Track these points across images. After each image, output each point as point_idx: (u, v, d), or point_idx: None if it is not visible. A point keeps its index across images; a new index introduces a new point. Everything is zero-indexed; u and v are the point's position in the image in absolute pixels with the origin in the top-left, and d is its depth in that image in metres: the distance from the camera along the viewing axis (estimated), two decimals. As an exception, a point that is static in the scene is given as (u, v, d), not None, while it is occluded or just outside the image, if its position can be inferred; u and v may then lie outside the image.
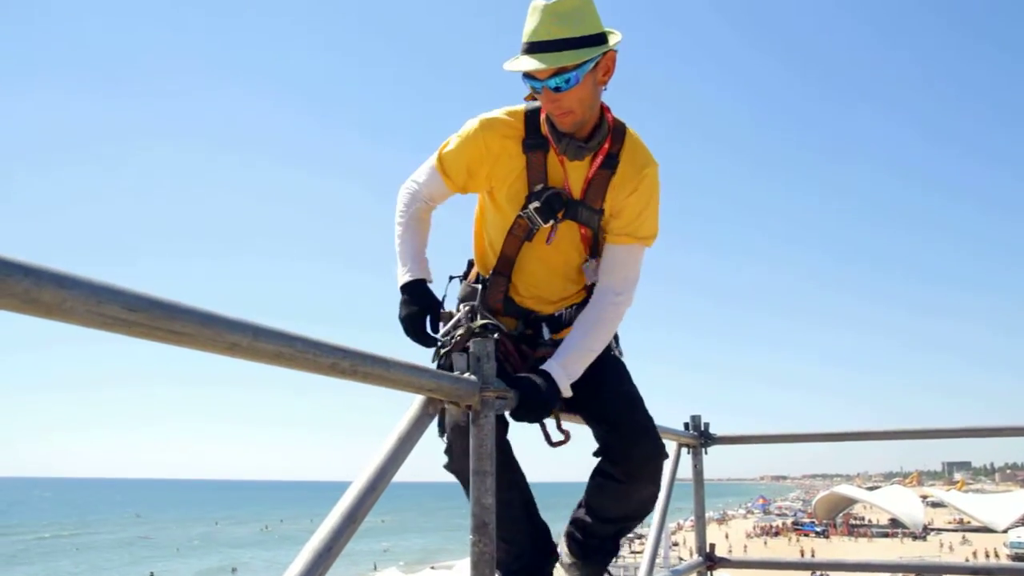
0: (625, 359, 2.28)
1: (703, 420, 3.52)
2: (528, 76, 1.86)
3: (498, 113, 2.03)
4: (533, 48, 1.82)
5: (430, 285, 2.09)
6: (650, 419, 2.09)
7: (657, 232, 2.12)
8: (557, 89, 1.84)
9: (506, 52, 1.95)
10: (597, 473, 2.13)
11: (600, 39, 1.84)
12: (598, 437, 2.10)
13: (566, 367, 1.97)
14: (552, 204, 1.99)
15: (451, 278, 2.22)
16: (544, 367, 1.96)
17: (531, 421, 1.96)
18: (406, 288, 2.06)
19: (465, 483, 1.98)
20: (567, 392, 1.96)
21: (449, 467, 2.06)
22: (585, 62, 1.82)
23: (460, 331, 1.93)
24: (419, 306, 2.04)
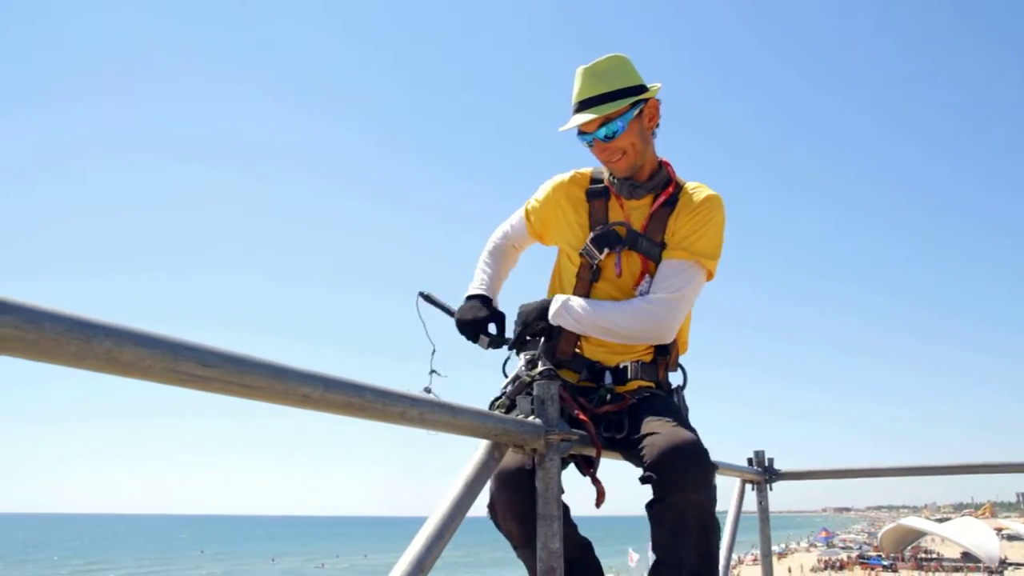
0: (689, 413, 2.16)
1: (767, 455, 3.43)
2: (581, 132, 2.05)
3: (569, 172, 2.25)
4: (580, 107, 2.03)
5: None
6: (692, 430, 1.93)
7: (714, 253, 2.09)
8: (607, 138, 2.02)
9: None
10: (648, 507, 1.93)
11: (640, 89, 2.04)
12: (639, 459, 1.92)
13: (570, 299, 2.07)
14: (608, 235, 2.08)
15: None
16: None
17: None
18: (472, 298, 2.23)
19: (515, 544, 1.96)
20: (551, 314, 2.07)
21: (499, 528, 1.99)
22: (627, 109, 2.01)
23: (518, 382, 1.93)
24: (485, 311, 2.18)
